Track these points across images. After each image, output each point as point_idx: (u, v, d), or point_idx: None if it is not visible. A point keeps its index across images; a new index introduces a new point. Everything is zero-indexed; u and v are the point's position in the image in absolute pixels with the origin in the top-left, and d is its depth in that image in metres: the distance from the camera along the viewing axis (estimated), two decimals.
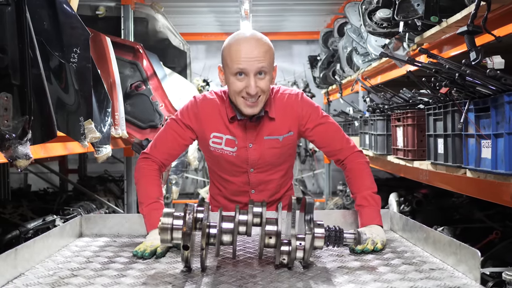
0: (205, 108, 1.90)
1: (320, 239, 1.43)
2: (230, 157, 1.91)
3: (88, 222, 1.90)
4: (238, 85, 1.76)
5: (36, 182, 5.98)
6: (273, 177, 1.98)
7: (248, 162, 1.92)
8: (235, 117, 1.87)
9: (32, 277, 1.36)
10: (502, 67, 1.83)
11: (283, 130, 1.91)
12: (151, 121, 3.37)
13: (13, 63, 1.53)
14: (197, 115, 1.90)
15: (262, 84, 1.76)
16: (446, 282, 1.27)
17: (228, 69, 1.78)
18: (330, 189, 6.97)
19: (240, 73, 1.75)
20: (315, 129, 1.92)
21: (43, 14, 1.92)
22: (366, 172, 1.88)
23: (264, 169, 1.95)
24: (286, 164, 2.00)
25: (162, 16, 4.52)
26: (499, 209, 3.02)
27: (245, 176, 1.95)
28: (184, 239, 1.34)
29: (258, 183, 1.97)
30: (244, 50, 1.73)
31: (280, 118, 1.90)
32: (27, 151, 1.57)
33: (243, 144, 1.90)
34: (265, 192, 1.99)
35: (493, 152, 1.81)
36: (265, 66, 1.75)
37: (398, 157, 3.00)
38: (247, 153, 1.90)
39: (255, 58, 1.73)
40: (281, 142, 1.91)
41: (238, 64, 1.73)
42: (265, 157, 1.91)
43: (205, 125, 1.89)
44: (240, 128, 1.89)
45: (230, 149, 1.90)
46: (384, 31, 2.96)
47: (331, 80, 5.79)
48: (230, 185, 1.99)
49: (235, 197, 2.00)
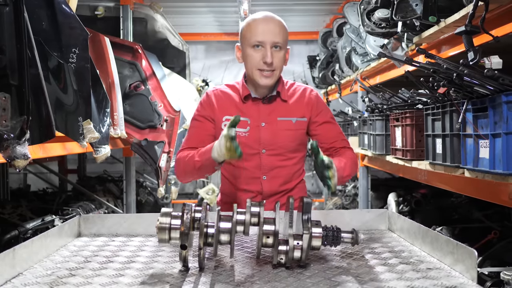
0: (216, 95, 2.03)
1: (318, 239, 1.43)
2: (242, 138, 1.95)
3: (86, 222, 1.90)
4: (256, 57, 1.91)
5: (35, 182, 5.98)
6: (285, 163, 2.01)
7: (260, 141, 1.97)
8: (249, 96, 1.98)
9: (30, 277, 1.36)
10: (500, 67, 1.84)
11: (297, 113, 2.00)
12: (150, 121, 3.37)
13: (11, 63, 1.53)
14: (211, 104, 2.01)
15: (277, 56, 1.91)
16: (443, 282, 1.27)
17: (247, 42, 1.93)
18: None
19: (258, 45, 1.90)
20: (323, 125, 2.02)
21: (42, 14, 1.92)
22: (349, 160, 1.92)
23: (276, 152, 1.98)
24: (298, 152, 2.04)
25: (161, 16, 4.53)
26: (497, 209, 3.02)
27: (257, 158, 1.98)
28: (182, 238, 1.34)
29: (270, 168, 1.99)
30: (262, 24, 1.92)
31: (294, 103, 2.01)
32: (25, 151, 1.58)
33: (256, 123, 1.97)
34: (277, 179, 2.00)
35: (491, 152, 1.82)
36: (280, 42, 1.90)
37: (397, 157, 3.01)
38: (259, 132, 1.96)
39: (272, 32, 1.90)
40: (294, 124, 1.99)
41: (256, 37, 1.90)
42: (278, 138, 1.97)
43: (218, 111, 2.00)
44: (253, 107, 1.99)
45: (243, 129, 1.96)
46: (383, 31, 2.97)
47: (330, 80, 5.79)
48: (242, 172, 2.01)
49: (246, 185, 2.01)
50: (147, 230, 1.88)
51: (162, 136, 3.42)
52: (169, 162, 3.55)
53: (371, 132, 3.59)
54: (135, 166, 4.22)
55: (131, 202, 4.09)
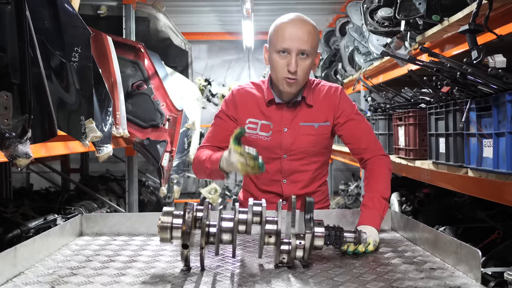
0: (241, 96, 2.00)
1: (320, 238, 1.42)
2: (264, 142, 1.94)
3: (88, 221, 1.90)
4: (281, 63, 1.84)
5: (38, 181, 5.99)
6: (306, 168, 1.97)
7: (282, 146, 1.94)
8: (273, 101, 1.94)
9: (32, 276, 1.36)
10: (504, 66, 1.83)
11: (320, 118, 1.95)
12: (152, 121, 3.37)
13: (13, 62, 1.52)
14: (235, 104, 1.99)
15: (303, 65, 1.84)
16: (447, 282, 1.26)
17: (273, 47, 1.86)
18: (332, 189, 6.96)
19: (283, 51, 1.83)
20: (346, 123, 1.95)
21: (44, 13, 1.92)
22: (384, 176, 1.85)
23: (297, 157, 1.95)
24: (321, 157, 2.00)
25: (164, 15, 4.52)
26: (501, 209, 3.01)
27: (278, 163, 1.96)
28: (183, 238, 1.34)
29: (290, 172, 1.96)
30: (289, 30, 1.83)
31: (318, 107, 1.95)
32: (27, 150, 1.57)
33: (278, 128, 1.94)
34: (297, 183, 1.98)
35: (495, 151, 1.80)
36: (307, 49, 1.82)
37: (400, 157, 2.99)
38: (281, 137, 1.94)
39: (299, 39, 1.81)
40: (316, 129, 1.94)
41: (282, 43, 1.83)
42: (299, 143, 1.93)
43: (241, 112, 1.97)
44: (276, 112, 1.95)
45: (265, 134, 1.95)
46: (386, 30, 2.96)
47: (333, 79, 5.77)
48: (263, 174, 1.95)
49: (266, 187, 2.00)
50: (149, 229, 1.88)
51: (164, 135, 3.42)
52: (171, 161, 3.54)
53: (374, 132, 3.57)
54: (137, 165, 4.22)
55: (133, 202, 4.08)
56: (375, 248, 1.59)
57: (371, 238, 1.59)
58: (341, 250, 1.57)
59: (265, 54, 1.95)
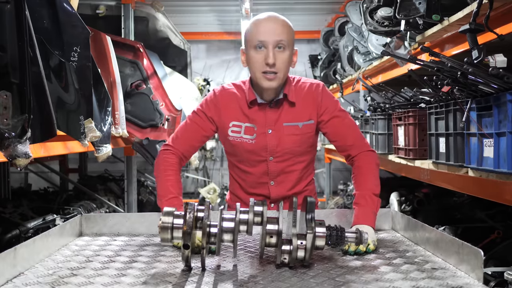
0: (224, 98, 1.94)
1: (322, 238, 1.42)
2: (249, 145, 1.91)
3: (88, 221, 1.89)
4: (258, 58, 1.81)
5: (36, 181, 5.97)
6: (293, 168, 1.95)
7: (267, 149, 1.91)
8: (255, 101, 1.90)
9: (32, 277, 1.35)
10: (505, 65, 1.82)
11: (304, 117, 1.91)
12: (151, 120, 3.36)
13: (13, 61, 1.52)
14: (216, 106, 1.93)
15: (281, 57, 1.81)
16: (449, 282, 1.26)
17: (249, 44, 1.84)
18: (331, 189, 6.96)
19: (260, 46, 1.81)
20: (330, 121, 1.91)
21: (43, 13, 1.91)
22: (372, 172, 1.84)
23: (283, 158, 1.92)
24: (307, 155, 1.97)
25: (163, 15, 4.52)
26: (500, 209, 3.01)
27: (264, 165, 1.93)
28: (184, 238, 1.33)
29: (277, 174, 1.94)
30: (263, 24, 1.83)
31: (301, 105, 1.91)
32: (26, 150, 1.56)
33: (262, 130, 1.90)
34: (285, 184, 1.95)
35: (496, 151, 1.80)
36: (283, 40, 1.80)
37: (400, 156, 2.99)
38: (266, 139, 1.90)
39: (274, 31, 1.80)
40: (300, 129, 1.91)
41: (258, 36, 1.81)
42: (284, 144, 1.90)
43: (224, 115, 1.92)
44: (259, 113, 1.91)
45: (249, 136, 1.91)
46: (386, 30, 2.96)
47: (332, 79, 5.78)
48: (249, 177, 1.97)
49: (254, 189, 1.98)
50: (149, 230, 1.88)
51: (163, 135, 3.41)
52: None
53: (373, 131, 3.57)
54: (136, 165, 4.21)
55: (132, 202, 4.08)
56: (375, 247, 1.59)
57: (370, 239, 1.59)
58: (342, 250, 1.56)
59: (242, 57, 1.91)
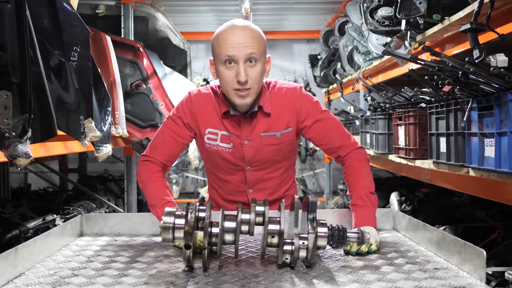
0: (199, 103, 1.83)
1: (323, 239, 1.41)
2: (225, 154, 1.83)
3: (88, 221, 1.89)
4: (228, 75, 1.69)
5: (36, 181, 5.97)
6: (271, 175, 1.89)
7: (244, 159, 1.83)
8: (228, 112, 1.79)
9: (33, 277, 1.34)
10: (506, 65, 1.82)
11: (281, 126, 1.81)
12: (151, 120, 3.36)
13: (13, 61, 1.52)
14: (192, 111, 1.83)
15: (253, 72, 1.68)
16: (451, 282, 1.26)
17: (218, 59, 1.71)
18: (331, 189, 6.96)
19: (230, 61, 1.68)
20: (313, 126, 1.82)
21: (43, 13, 1.91)
22: (364, 170, 1.81)
23: (261, 167, 1.86)
24: (285, 161, 1.91)
25: (163, 15, 4.51)
26: (501, 208, 3.01)
27: (242, 174, 1.87)
28: (186, 238, 1.33)
29: (255, 182, 1.88)
30: (231, 37, 1.67)
31: (277, 114, 1.81)
32: (27, 149, 1.56)
33: (238, 141, 1.81)
34: (264, 191, 1.89)
35: (497, 150, 1.80)
36: (254, 53, 1.67)
37: (400, 156, 2.99)
38: (243, 150, 1.82)
39: (243, 44, 1.66)
40: (278, 138, 1.82)
41: (226, 51, 1.66)
42: (262, 154, 1.83)
43: (200, 121, 1.82)
44: (234, 124, 1.81)
45: (226, 145, 1.82)
46: (386, 29, 2.95)
47: (332, 79, 5.78)
48: (227, 185, 1.91)
49: (232, 197, 1.93)
50: (150, 230, 1.87)
51: None
52: None
53: (374, 131, 3.57)
54: (136, 165, 4.20)
55: (132, 202, 4.07)
56: (377, 248, 1.59)
57: (372, 239, 1.58)
58: (344, 250, 1.56)
59: (211, 68, 1.79)
